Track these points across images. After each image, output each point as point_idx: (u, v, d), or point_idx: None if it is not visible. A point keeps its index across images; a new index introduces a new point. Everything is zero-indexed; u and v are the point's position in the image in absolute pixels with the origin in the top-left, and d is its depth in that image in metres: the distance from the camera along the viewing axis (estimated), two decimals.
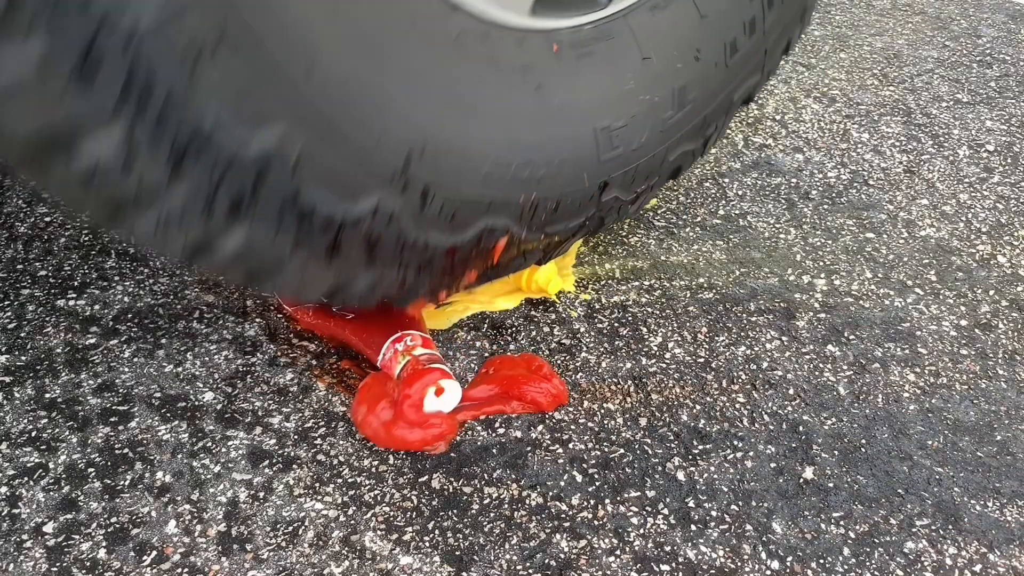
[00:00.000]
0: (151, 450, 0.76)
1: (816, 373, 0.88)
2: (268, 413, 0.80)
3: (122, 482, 0.73)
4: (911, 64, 1.53)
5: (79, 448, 0.75)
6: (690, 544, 0.70)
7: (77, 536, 0.68)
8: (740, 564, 0.69)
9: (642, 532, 0.71)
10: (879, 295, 0.99)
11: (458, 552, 0.69)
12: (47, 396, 0.80)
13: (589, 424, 0.81)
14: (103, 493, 0.72)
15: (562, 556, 0.69)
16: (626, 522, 0.72)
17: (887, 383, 0.87)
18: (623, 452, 0.78)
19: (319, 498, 0.72)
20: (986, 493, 0.76)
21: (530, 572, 0.68)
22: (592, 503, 0.73)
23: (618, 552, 0.69)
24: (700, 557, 0.69)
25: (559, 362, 0.87)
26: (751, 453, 0.79)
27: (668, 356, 0.89)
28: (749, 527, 0.72)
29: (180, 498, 0.72)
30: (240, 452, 0.76)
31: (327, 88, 0.59)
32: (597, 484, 0.75)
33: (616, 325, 0.92)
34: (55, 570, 0.66)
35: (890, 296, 0.99)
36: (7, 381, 0.81)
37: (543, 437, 0.79)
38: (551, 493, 0.74)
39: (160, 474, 0.74)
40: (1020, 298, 1.00)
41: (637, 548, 0.70)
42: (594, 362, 0.88)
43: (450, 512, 0.72)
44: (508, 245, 0.78)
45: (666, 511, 0.73)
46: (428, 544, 0.69)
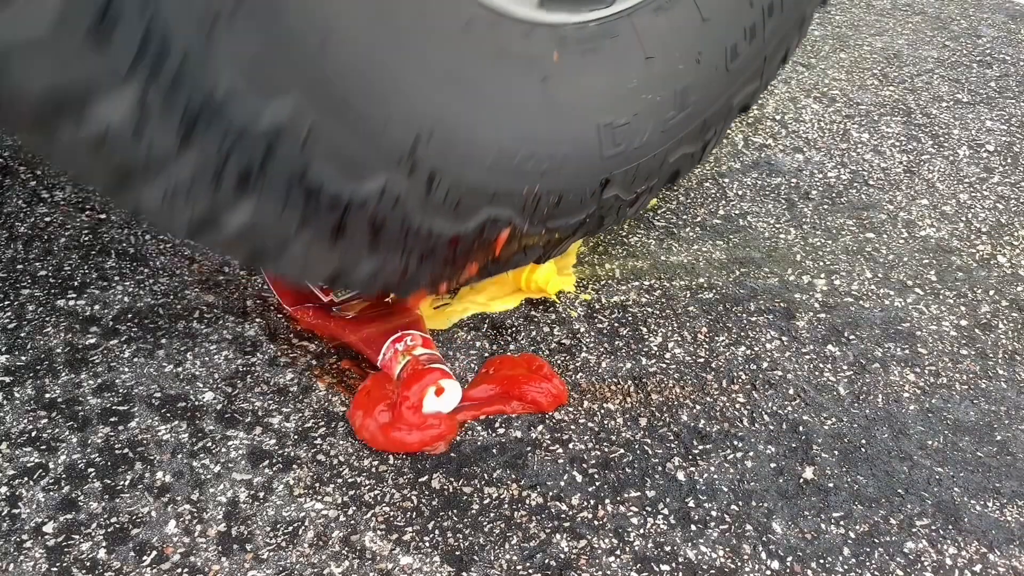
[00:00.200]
0: (151, 450, 0.76)
1: (816, 373, 0.88)
2: (268, 413, 0.80)
3: (122, 482, 0.73)
4: (911, 64, 1.53)
5: (79, 448, 0.75)
6: (690, 544, 0.70)
7: (77, 536, 0.68)
8: (740, 564, 0.69)
9: (642, 532, 0.71)
10: (879, 295, 0.99)
11: (458, 552, 0.69)
12: (47, 396, 0.80)
13: (589, 424, 0.81)
14: (103, 493, 0.72)
15: (562, 556, 0.69)
16: (626, 522, 0.72)
17: (887, 383, 0.87)
18: (623, 452, 0.78)
19: (319, 498, 0.72)
20: (986, 493, 0.76)
21: (530, 572, 0.68)
22: (592, 503, 0.73)
23: (618, 552, 0.69)
24: (700, 557, 0.69)
25: (559, 362, 0.87)
26: (751, 453, 0.79)
27: (668, 356, 0.89)
28: (749, 527, 0.72)
29: (180, 498, 0.72)
30: (240, 452, 0.76)
31: (340, 63, 0.59)
32: (597, 484, 0.75)
33: (616, 325, 0.92)
34: (55, 570, 0.66)
35: (890, 296, 0.99)
36: (7, 381, 0.81)
37: (543, 437, 0.79)
38: (551, 493, 0.74)
39: (160, 474, 0.74)
40: (1020, 298, 1.00)
41: (637, 548, 0.70)
42: (594, 362, 0.88)
43: (450, 512, 0.72)
44: (510, 238, 0.78)
45: (666, 511, 0.73)
46: (428, 544, 0.69)
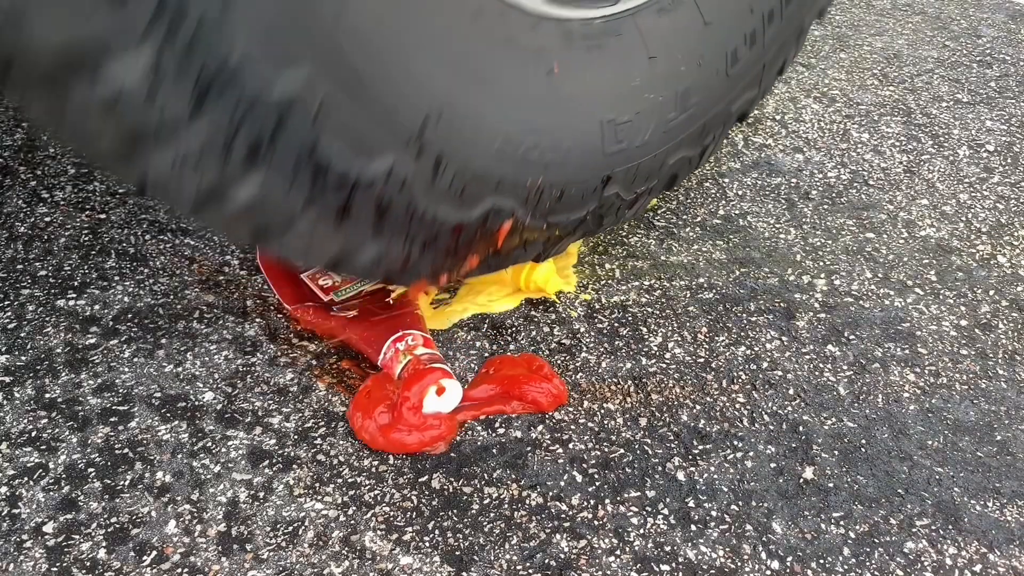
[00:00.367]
0: (151, 450, 0.76)
1: (816, 373, 0.88)
2: (268, 413, 0.80)
3: (122, 482, 0.73)
4: (911, 64, 1.53)
5: (79, 448, 0.75)
6: (690, 544, 0.70)
7: (77, 536, 0.68)
8: (740, 564, 0.69)
9: (642, 532, 0.71)
10: (879, 295, 0.99)
11: (458, 552, 0.69)
12: (47, 396, 0.80)
13: (589, 424, 0.81)
14: (103, 493, 0.72)
15: (562, 556, 0.69)
16: (626, 522, 0.72)
17: (887, 383, 0.87)
18: (623, 452, 0.78)
19: (319, 498, 0.72)
20: (986, 493, 0.76)
21: (530, 572, 0.68)
22: (592, 503, 0.73)
23: (618, 552, 0.69)
24: (700, 557, 0.69)
25: (559, 362, 0.87)
26: (751, 453, 0.79)
27: (668, 356, 0.89)
28: (749, 527, 0.72)
29: (180, 498, 0.72)
30: (240, 452, 0.76)
31: (355, 36, 0.59)
32: (597, 484, 0.75)
33: (616, 325, 0.92)
34: (55, 570, 0.66)
35: (890, 296, 0.99)
36: (7, 381, 0.81)
37: (543, 437, 0.79)
38: (551, 493, 0.74)
39: (160, 474, 0.74)
40: (1020, 298, 1.00)
41: (637, 548, 0.70)
42: (594, 362, 0.88)
43: (450, 512, 0.72)
44: (511, 231, 0.78)
45: (666, 511, 0.73)
46: (428, 544, 0.69)
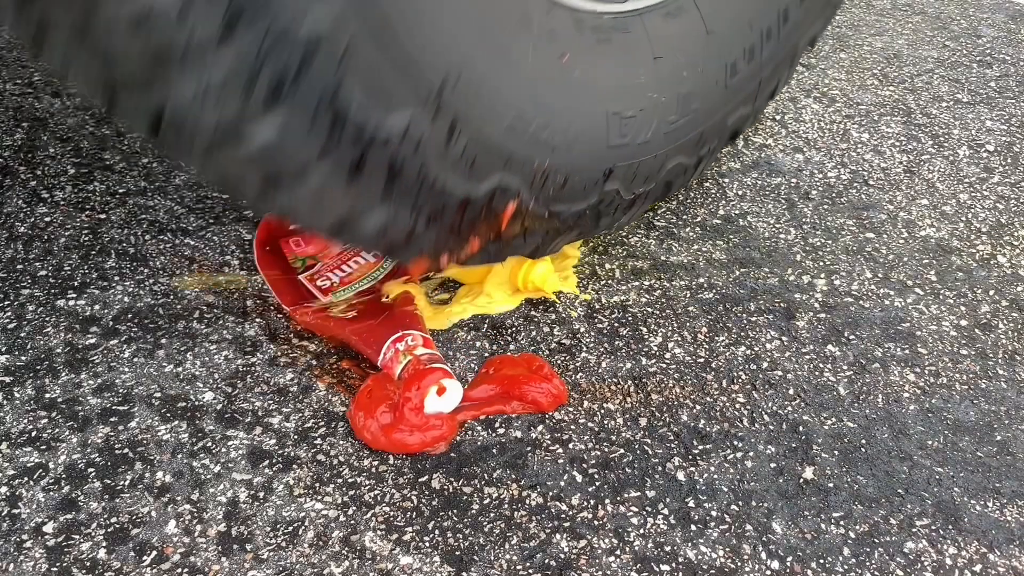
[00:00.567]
0: (151, 450, 0.76)
1: (816, 373, 0.88)
2: (268, 413, 0.80)
3: (122, 482, 0.73)
4: (911, 64, 1.53)
5: (79, 448, 0.75)
6: (690, 544, 0.70)
7: (77, 536, 0.68)
8: (740, 564, 0.69)
9: (642, 532, 0.71)
10: (879, 295, 0.99)
11: (458, 552, 0.69)
12: (47, 396, 0.80)
13: (589, 424, 0.81)
14: (103, 493, 0.72)
15: (562, 556, 0.69)
16: (626, 522, 0.72)
17: (887, 383, 0.87)
18: (623, 452, 0.78)
19: (319, 498, 0.72)
20: (986, 493, 0.76)
21: (530, 572, 0.68)
22: (592, 503, 0.73)
23: (618, 552, 0.69)
24: (700, 557, 0.69)
25: (559, 362, 0.87)
26: (751, 453, 0.79)
27: (668, 356, 0.89)
28: (749, 527, 0.72)
29: (180, 498, 0.72)
30: (240, 452, 0.76)
31: None
32: (597, 484, 0.75)
33: (616, 325, 0.92)
34: (55, 570, 0.66)
35: (890, 296, 0.99)
36: (7, 381, 0.81)
37: (543, 437, 0.79)
38: (551, 493, 0.74)
39: (160, 474, 0.74)
40: (1020, 298, 1.00)
41: (637, 548, 0.70)
42: (594, 362, 0.88)
43: (450, 512, 0.72)
44: (515, 214, 0.79)
45: (666, 511, 0.73)
46: (428, 544, 0.69)
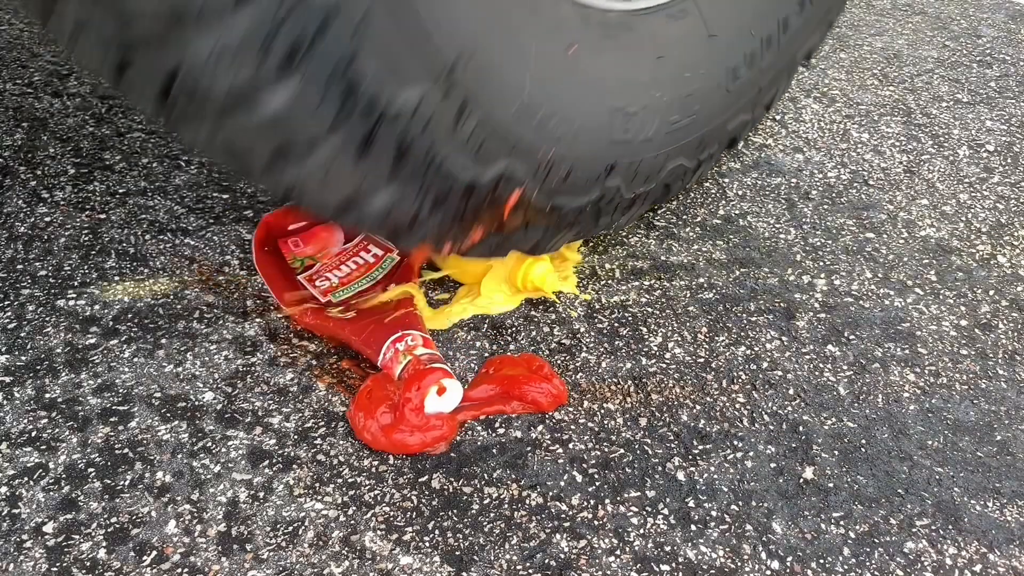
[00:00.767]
0: (151, 450, 0.76)
1: (816, 373, 0.88)
2: (268, 413, 0.80)
3: (122, 482, 0.73)
4: (911, 64, 1.53)
5: (79, 448, 0.75)
6: (690, 544, 0.70)
7: (77, 536, 0.68)
8: (740, 564, 0.69)
9: (642, 532, 0.71)
10: (879, 295, 0.99)
11: (458, 552, 0.69)
12: (47, 396, 0.80)
13: (589, 424, 0.81)
14: (103, 493, 0.72)
15: (562, 556, 0.69)
16: (626, 522, 0.72)
17: (887, 383, 0.87)
18: (623, 452, 0.78)
19: (319, 498, 0.72)
20: (986, 493, 0.76)
21: (530, 572, 0.68)
22: (592, 503, 0.73)
23: (618, 552, 0.69)
24: (700, 557, 0.69)
25: (559, 362, 0.87)
26: (751, 453, 0.79)
27: (668, 356, 0.89)
28: (749, 527, 0.72)
29: (180, 498, 0.72)
30: (240, 452, 0.76)
31: None
32: (597, 484, 0.75)
33: (616, 325, 0.92)
34: (55, 570, 0.66)
35: (890, 296, 0.99)
36: (7, 381, 0.81)
37: (543, 437, 0.79)
38: (551, 493, 0.74)
39: (160, 474, 0.74)
40: (1020, 298, 1.00)
41: (637, 548, 0.70)
42: (594, 362, 0.88)
43: (450, 512, 0.72)
44: (518, 204, 0.79)
45: (666, 511, 0.73)
46: (428, 544, 0.69)
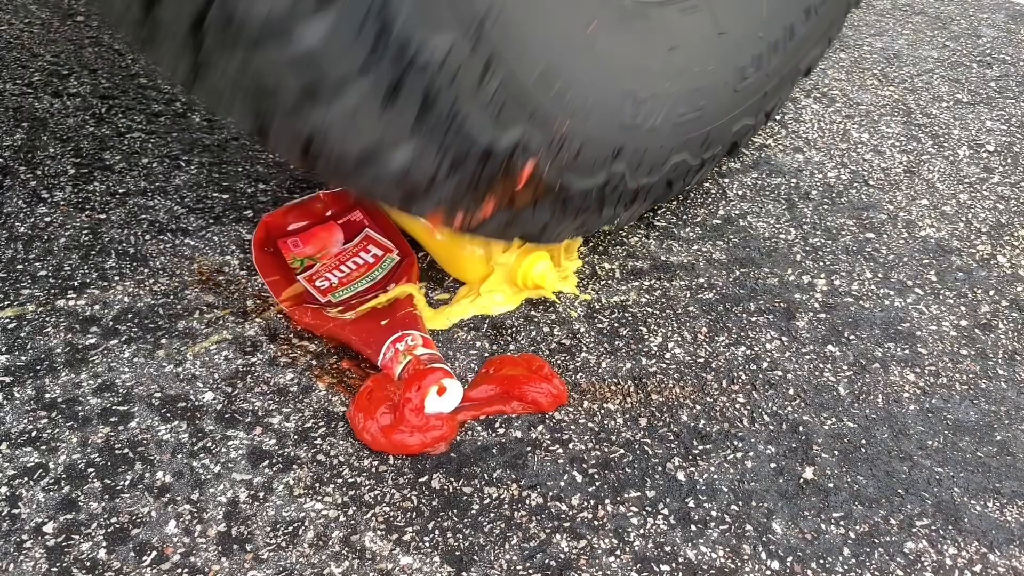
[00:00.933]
0: (151, 450, 0.76)
1: (816, 373, 0.88)
2: (268, 413, 0.80)
3: (122, 482, 0.73)
4: (911, 64, 1.53)
5: (79, 448, 0.75)
6: (690, 544, 0.70)
7: (77, 536, 0.68)
8: (740, 564, 0.69)
9: (642, 532, 0.71)
10: (879, 295, 0.99)
11: (458, 552, 0.69)
12: (47, 396, 0.80)
13: (589, 424, 0.81)
14: (103, 493, 0.72)
15: (562, 556, 0.69)
16: (626, 522, 0.72)
17: (887, 383, 0.87)
18: (623, 452, 0.78)
19: (319, 498, 0.72)
20: (986, 493, 0.76)
21: (530, 572, 0.68)
22: (592, 503, 0.73)
23: (618, 552, 0.69)
24: (700, 557, 0.69)
25: (559, 362, 0.87)
26: (751, 453, 0.79)
27: (668, 356, 0.89)
28: (749, 527, 0.72)
29: (180, 498, 0.72)
30: (240, 452, 0.76)
31: None
32: (597, 484, 0.75)
33: (616, 325, 0.92)
34: (55, 570, 0.66)
35: (890, 296, 0.99)
36: (7, 381, 0.81)
37: (543, 437, 0.79)
38: (551, 493, 0.74)
39: (160, 474, 0.74)
40: (1020, 298, 1.00)
41: (637, 548, 0.70)
42: (594, 362, 0.88)
43: (450, 512, 0.72)
44: (531, 177, 0.79)
45: (666, 511, 0.73)
46: (428, 544, 0.69)
